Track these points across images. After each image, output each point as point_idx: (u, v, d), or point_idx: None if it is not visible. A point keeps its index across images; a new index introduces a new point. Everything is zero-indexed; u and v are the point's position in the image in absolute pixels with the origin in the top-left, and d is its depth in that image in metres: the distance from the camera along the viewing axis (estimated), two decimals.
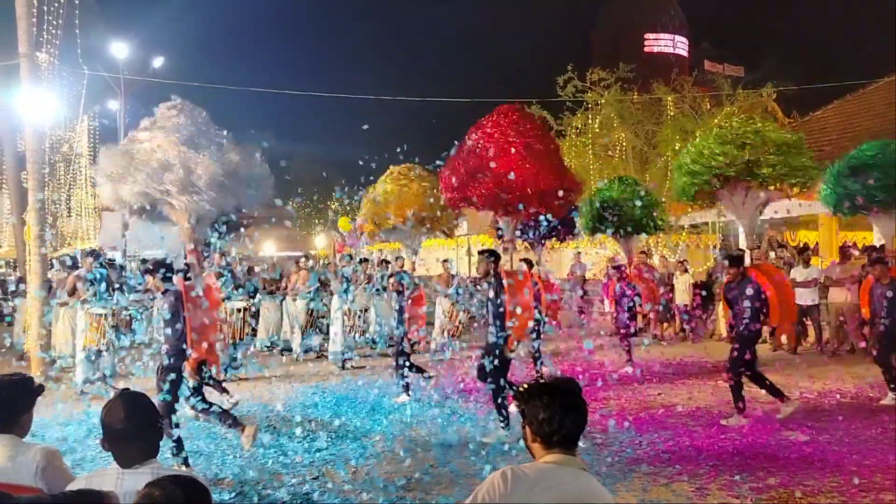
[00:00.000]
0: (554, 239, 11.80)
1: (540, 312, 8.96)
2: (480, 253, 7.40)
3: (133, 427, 2.44)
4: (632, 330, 10.73)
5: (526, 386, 2.47)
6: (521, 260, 9.67)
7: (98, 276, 9.93)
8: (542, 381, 2.51)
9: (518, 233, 8.83)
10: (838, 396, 8.42)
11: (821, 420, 7.18)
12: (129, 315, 11.47)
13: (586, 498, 2.22)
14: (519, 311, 6.98)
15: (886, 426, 6.85)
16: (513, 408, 5.63)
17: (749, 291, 7.28)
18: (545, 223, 8.88)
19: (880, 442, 6.32)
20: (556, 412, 2.30)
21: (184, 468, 5.67)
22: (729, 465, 5.68)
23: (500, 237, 9.33)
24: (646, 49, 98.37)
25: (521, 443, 2.44)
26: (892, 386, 8.01)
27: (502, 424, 6.76)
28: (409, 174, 10.74)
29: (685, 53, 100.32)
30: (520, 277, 7.45)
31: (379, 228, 10.76)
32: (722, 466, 5.64)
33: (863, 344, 10.85)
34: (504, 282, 7.04)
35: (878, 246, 10.02)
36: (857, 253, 12.89)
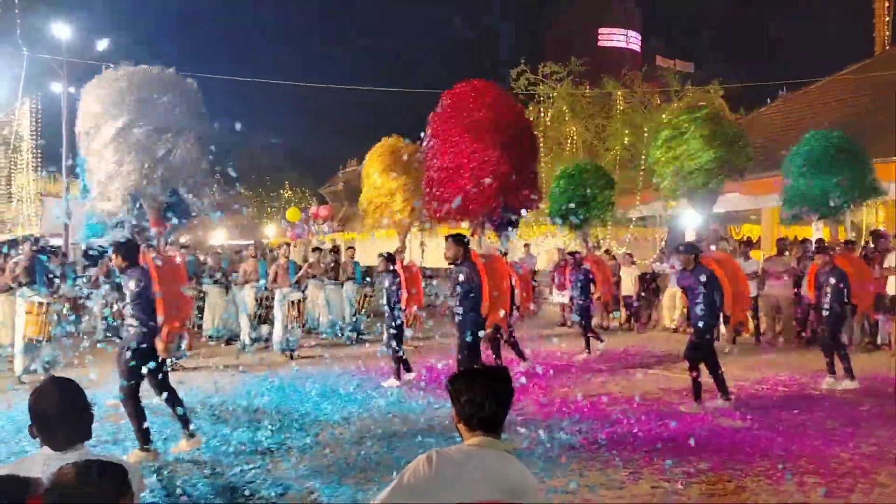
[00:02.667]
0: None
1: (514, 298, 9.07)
2: (448, 237, 7.21)
3: (60, 412, 2.45)
4: (592, 314, 11.04)
5: (458, 370, 2.56)
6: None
7: (39, 263, 9.70)
8: (476, 366, 2.59)
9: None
10: (772, 386, 8.72)
11: (754, 408, 7.43)
12: (79, 299, 11.26)
13: (508, 479, 2.31)
14: (496, 294, 7.05)
15: (814, 414, 7.14)
16: None
17: (703, 279, 7.45)
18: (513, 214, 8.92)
19: (808, 429, 6.58)
20: (477, 395, 2.38)
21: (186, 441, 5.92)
22: (663, 451, 5.86)
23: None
24: (599, 43, 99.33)
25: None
26: (830, 371, 8.47)
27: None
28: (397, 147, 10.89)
29: (638, 49, 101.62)
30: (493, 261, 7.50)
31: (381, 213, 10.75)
32: (656, 452, 5.82)
33: (807, 332, 11.37)
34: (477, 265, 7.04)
35: (817, 239, 10.48)
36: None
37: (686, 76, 29.54)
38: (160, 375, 6.07)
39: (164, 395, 6.08)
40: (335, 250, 14.89)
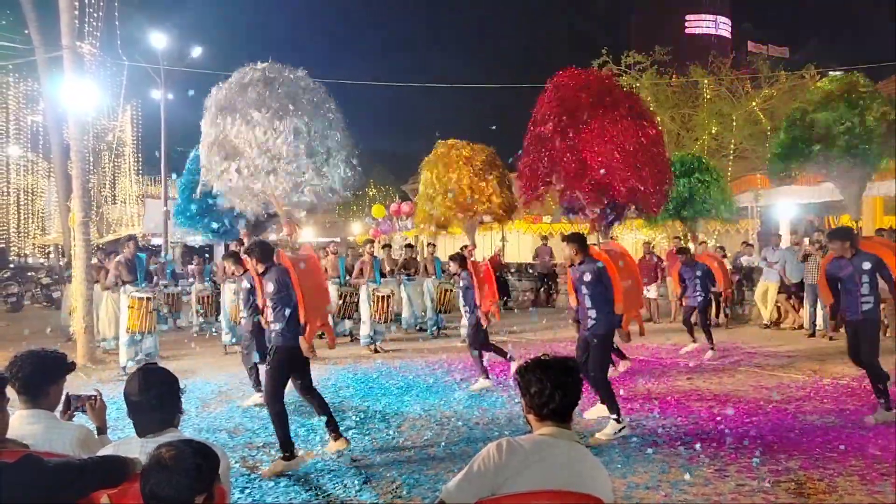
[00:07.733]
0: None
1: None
2: (566, 238, 6.89)
3: (150, 399, 2.62)
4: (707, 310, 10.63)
5: (526, 361, 2.58)
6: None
7: (139, 261, 10.26)
8: (542, 357, 2.60)
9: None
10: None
11: (849, 406, 7.13)
12: (177, 297, 11.89)
13: (578, 467, 2.33)
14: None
15: None
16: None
17: (866, 266, 6.55)
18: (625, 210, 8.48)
19: None
20: (547, 386, 2.41)
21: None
22: (750, 448, 5.70)
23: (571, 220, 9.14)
24: (686, 30, 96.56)
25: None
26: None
27: (613, 416, 6.29)
28: (458, 145, 10.90)
29: (728, 35, 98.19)
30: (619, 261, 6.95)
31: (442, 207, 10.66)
32: (743, 450, 5.66)
33: None
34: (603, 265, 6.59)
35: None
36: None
37: (779, 61, 28.33)
38: (307, 379, 5.95)
39: (312, 398, 6.01)
40: (410, 247, 15.04)
